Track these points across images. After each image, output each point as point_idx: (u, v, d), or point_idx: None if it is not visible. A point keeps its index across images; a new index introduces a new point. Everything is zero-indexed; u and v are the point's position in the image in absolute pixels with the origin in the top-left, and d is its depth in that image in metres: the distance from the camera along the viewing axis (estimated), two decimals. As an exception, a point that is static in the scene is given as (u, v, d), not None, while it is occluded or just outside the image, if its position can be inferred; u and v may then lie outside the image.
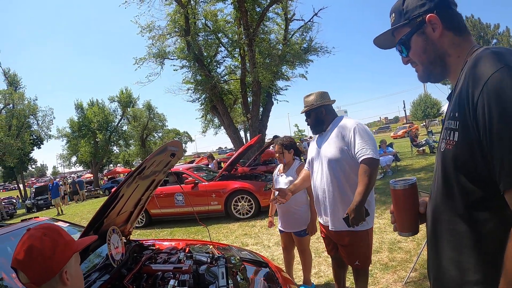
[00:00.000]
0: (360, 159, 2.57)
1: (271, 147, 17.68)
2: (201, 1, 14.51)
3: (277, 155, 3.76)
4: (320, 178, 2.88)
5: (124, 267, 2.49)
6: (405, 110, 47.95)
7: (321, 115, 2.96)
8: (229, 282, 2.30)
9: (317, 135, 3.11)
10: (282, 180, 3.71)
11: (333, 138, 2.79)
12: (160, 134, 42.44)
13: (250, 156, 13.24)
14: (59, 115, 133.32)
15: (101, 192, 28.61)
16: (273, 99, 17.24)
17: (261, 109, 15.95)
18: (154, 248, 3.15)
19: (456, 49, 1.19)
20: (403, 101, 60.45)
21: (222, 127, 24.71)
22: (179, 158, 2.82)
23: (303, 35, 15.98)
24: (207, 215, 8.44)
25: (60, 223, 3.72)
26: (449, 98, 1.22)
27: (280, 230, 3.86)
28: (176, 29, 13.96)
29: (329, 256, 3.38)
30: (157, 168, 2.63)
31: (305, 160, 3.43)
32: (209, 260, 2.70)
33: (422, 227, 1.37)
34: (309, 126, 3.08)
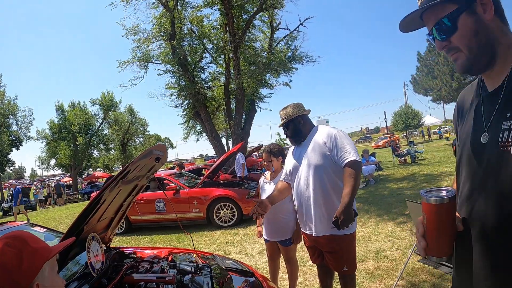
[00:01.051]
0: (344, 163, 2.64)
1: (253, 155, 17.61)
2: (188, 6, 14.46)
3: (265, 163, 3.69)
4: (304, 186, 2.89)
5: (104, 276, 2.37)
6: (386, 121, 48.70)
7: (299, 125, 3.02)
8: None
9: (293, 147, 3.17)
10: (269, 188, 3.63)
11: (316, 146, 2.84)
12: (141, 139, 41.99)
13: (232, 163, 13.15)
14: (39, 117, 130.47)
15: (80, 197, 28.08)
16: (256, 106, 17.22)
17: (244, 116, 15.88)
18: (135, 256, 3.04)
19: (506, 38, 1.03)
20: (384, 112, 61.10)
21: (204, 134, 24.64)
22: (163, 163, 2.73)
23: (288, 43, 16.07)
24: (188, 222, 8.29)
25: (37, 228, 3.58)
26: (494, 94, 1.05)
27: (265, 239, 3.79)
28: (162, 33, 13.88)
29: (314, 265, 3.38)
30: (141, 172, 2.53)
31: None
32: (193, 270, 2.60)
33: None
34: (288, 138, 3.12)
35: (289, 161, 3.12)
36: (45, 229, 3.65)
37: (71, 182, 35.98)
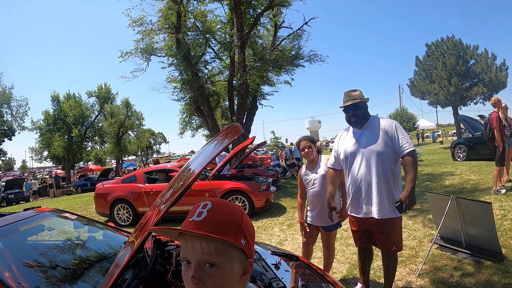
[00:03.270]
0: (405, 152, 2.91)
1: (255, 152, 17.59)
2: (194, 0, 14.42)
3: (306, 150, 3.71)
4: (365, 171, 3.04)
5: (156, 263, 2.34)
6: (379, 123, 48.91)
7: (366, 110, 3.18)
8: (277, 275, 2.25)
9: (346, 132, 3.32)
10: (314, 177, 3.71)
11: (380, 134, 3.03)
12: (135, 133, 41.77)
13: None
14: (34, 107, 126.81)
15: (73, 190, 27.86)
16: (258, 103, 17.26)
17: (245, 112, 15.89)
18: (173, 244, 3.03)
19: None
20: (377, 114, 61.22)
21: (198, 130, 24.61)
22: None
23: (293, 42, 16.10)
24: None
25: (66, 215, 3.56)
26: None
27: (308, 223, 3.84)
28: (167, 26, 13.80)
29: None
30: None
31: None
32: (241, 255, 2.61)
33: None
34: (351, 119, 3.16)
35: (346, 145, 3.22)
36: (75, 216, 3.62)
37: (63, 174, 35.68)
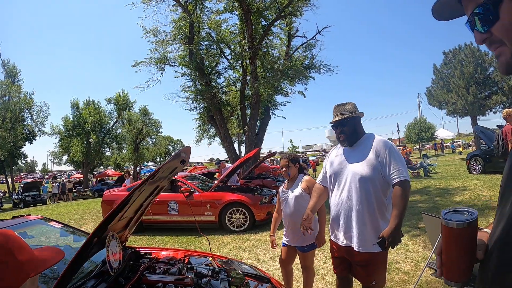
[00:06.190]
0: (395, 181, 2.52)
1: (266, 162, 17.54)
2: (207, 10, 14.54)
3: (283, 169, 3.66)
4: (346, 196, 2.73)
5: (121, 275, 2.37)
6: (398, 133, 48.20)
7: (357, 126, 2.83)
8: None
9: (335, 150, 3.01)
10: (287, 196, 3.66)
11: (368, 156, 2.67)
12: (153, 140, 42.24)
13: (244, 169, 13.10)
14: (54, 112, 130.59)
15: (90, 194, 28.30)
16: (271, 113, 17.22)
17: (258, 122, 15.86)
18: (150, 257, 3.04)
19: None
20: (397, 123, 60.46)
21: (215, 138, 24.72)
22: (185, 165, 2.74)
23: (306, 51, 16.02)
24: (200, 225, 8.22)
25: (53, 223, 3.58)
26: None
27: (284, 243, 3.76)
28: (180, 36, 13.94)
29: (327, 274, 3.26)
30: (164, 174, 2.53)
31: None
32: (210, 273, 2.60)
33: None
34: (340, 136, 2.86)
35: (332, 164, 2.94)
36: (61, 225, 3.64)
37: (81, 178, 36.40)
